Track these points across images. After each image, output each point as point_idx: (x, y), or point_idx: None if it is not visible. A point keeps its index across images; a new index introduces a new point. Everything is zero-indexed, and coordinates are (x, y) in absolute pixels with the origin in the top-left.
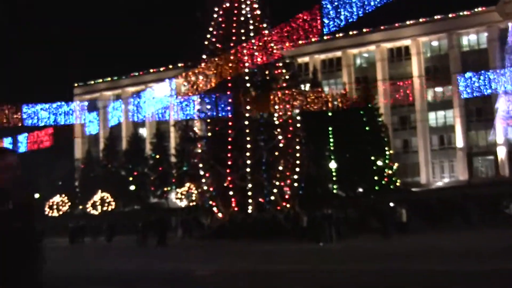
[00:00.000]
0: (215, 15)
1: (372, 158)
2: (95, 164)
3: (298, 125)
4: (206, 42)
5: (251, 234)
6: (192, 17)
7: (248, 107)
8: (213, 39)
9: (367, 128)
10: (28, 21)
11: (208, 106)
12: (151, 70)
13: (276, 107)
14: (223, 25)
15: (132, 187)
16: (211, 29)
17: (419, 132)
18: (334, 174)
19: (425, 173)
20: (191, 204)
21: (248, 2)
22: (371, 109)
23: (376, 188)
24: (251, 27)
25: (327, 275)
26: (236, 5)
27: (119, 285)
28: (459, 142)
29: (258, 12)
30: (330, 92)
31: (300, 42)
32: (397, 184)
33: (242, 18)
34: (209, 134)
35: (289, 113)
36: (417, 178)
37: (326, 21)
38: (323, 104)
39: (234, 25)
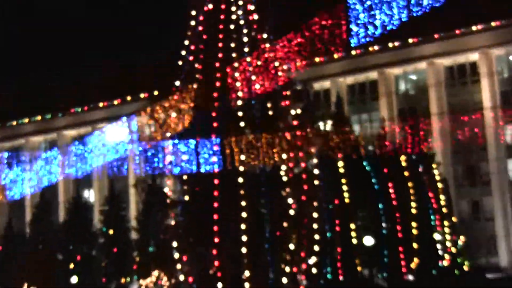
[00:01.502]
0: (192, 22)
1: (427, 229)
2: (18, 243)
3: (317, 181)
4: (180, 62)
5: None
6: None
7: (242, 157)
8: (190, 57)
9: (417, 185)
10: None
11: (185, 156)
12: (101, 105)
13: (284, 155)
14: (204, 36)
15: (74, 279)
16: (187, 42)
17: (494, 190)
18: (369, 252)
19: (505, 251)
20: None
21: (241, 3)
22: (423, 156)
23: (434, 272)
24: (246, 38)
25: None
26: (223, 6)
27: None
28: None
29: (256, 16)
30: (362, 131)
31: (317, 59)
32: (465, 267)
33: (232, 26)
34: (186, 197)
35: (302, 164)
36: (494, 258)
37: (354, 28)
38: (352, 149)
39: (221, 36)
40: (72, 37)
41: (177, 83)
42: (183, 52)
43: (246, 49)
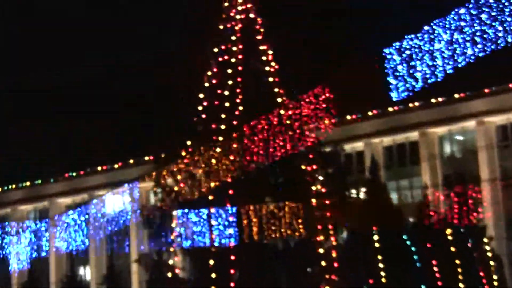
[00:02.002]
0: (209, 73)
1: None
2: None
3: (348, 258)
4: (194, 119)
5: None
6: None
7: (262, 230)
8: (203, 115)
9: (465, 262)
10: None
11: (195, 228)
12: (99, 169)
13: (310, 228)
14: (219, 91)
15: None
16: (201, 95)
17: None
18: None
19: None
20: None
21: (261, 52)
22: (473, 229)
23: None
24: (265, 93)
25: None
26: (240, 57)
27: None
28: None
29: (276, 66)
30: (401, 200)
31: (348, 117)
32: None
33: (250, 80)
34: (198, 274)
35: (332, 238)
36: None
37: (392, 81)
38: (389, 221)
39: (238, 90)
40: (72, 37)
41: (189, 142)
42: (199, 108)
43: (264, 105)
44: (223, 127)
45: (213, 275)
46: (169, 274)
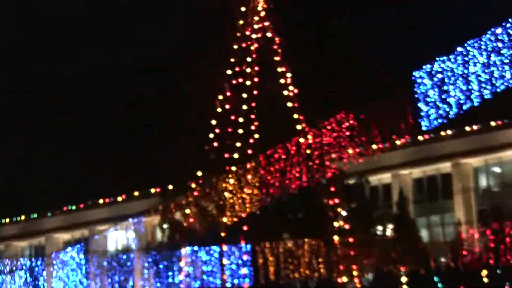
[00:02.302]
0: (220, 97)
1: None
2: None
3: None
4: (206, 147)
5: None
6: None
7: (279, 269)
8: (214, 143)
9: None
10: None
11: (205, 267)
12: (100, 201)
13: (332, 267)
14: (232, 117)
15: None
16: (213, 122)
17: None
18: None
19: None
20: None
21: (279, 74)
22: (511, 270)
23: None
24: (282, 119)
25: None
26: (255, 80)
27: None
28: None
29: (295, 90)
30: (432, 238)
31: (374, 146)
32: None
33: (267, 105)
34: None
35: (356, 280)
36: None
37: (423, 108)
38: (419, 261)
39: (253, 116)
40: (72, 37)
41: (199, 173)
42: (210, 135)
43: (283, 133)
44: (236, 156)
45: None
46: None
